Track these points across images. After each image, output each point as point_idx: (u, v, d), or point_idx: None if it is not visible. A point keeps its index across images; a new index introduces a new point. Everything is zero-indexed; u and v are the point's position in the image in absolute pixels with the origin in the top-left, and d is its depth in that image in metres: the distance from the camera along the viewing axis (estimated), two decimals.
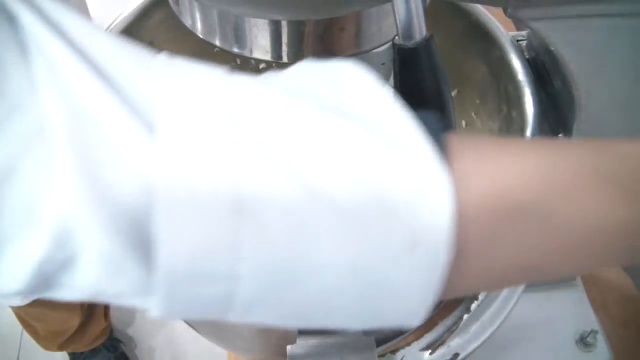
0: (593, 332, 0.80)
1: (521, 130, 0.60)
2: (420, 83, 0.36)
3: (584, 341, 0.80)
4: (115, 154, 0.22)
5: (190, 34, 0.79)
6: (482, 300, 0.62)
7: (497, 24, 0.67)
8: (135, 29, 0.66)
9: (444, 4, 0.65)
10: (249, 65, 0.83)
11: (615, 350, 0.84)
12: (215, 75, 0.25)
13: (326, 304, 0.25)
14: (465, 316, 0.63)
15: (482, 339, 0.62)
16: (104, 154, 0.22)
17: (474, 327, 0.63)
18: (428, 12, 0.35)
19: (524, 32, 0.67)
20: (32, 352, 1.34)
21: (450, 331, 0.63)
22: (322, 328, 0.26)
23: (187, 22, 0.42)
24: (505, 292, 0.65)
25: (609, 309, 0.93)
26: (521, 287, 0.65)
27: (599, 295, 0.94)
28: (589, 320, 0.83)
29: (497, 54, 0.64)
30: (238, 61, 0.84)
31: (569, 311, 0.84)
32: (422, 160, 0.25)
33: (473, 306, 0.63)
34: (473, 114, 0.76)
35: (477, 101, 0.75)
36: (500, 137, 0.38)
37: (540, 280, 0.38)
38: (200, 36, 0.42)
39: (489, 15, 0.67)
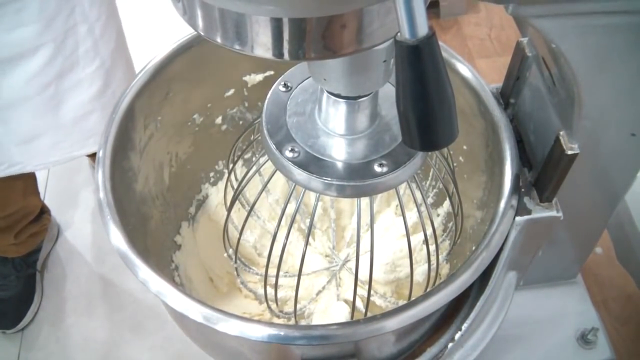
0: (594, 330, 0.80)
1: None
2: (422, 80, 0.36)
3: (584, 338, 0.80)
4: None
5: (201, 84, 0.82)
6: (466, 330, 0.64)
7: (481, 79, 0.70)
8: (153, 84, 0.73)
9: None
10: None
11: (616, 347, 0.84)
12: None
13: None
14: (450, 345, 0.64)
15: None
16: None
17: (458, 354, 0.65)
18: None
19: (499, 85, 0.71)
20: (32, 345, 1.35)
21: (436, 358, 0.65)
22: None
23: (188, 20, 0.42)
24: (486, 323, 0.66)
25: (610, 306, 0.93)
26: (499, 322, 0.67)
27: (600, 293, 0.94)
28: (590, 317, 0.83)
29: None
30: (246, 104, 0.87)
31: (570, 308, 0.84)
32: None
33: (457, 336, 0.64)
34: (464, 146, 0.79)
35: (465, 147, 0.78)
36: None
37: None
38: (202, 34, 0.42)
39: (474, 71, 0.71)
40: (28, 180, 1.28)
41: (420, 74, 0.35)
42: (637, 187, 0.71)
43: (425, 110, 0.37)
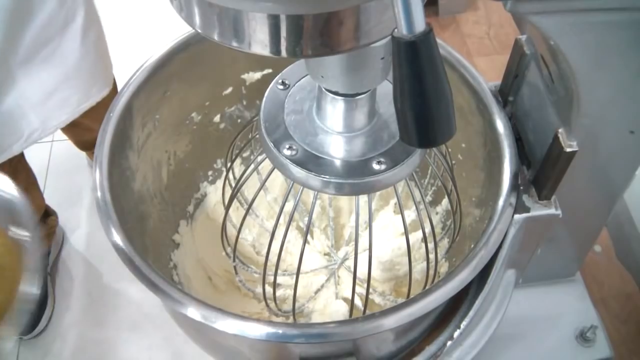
0: (593, 328, 0.79)
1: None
2: (419, 76, 0.36)
3: (584, 336, 0.80)
4: None
5: (199, 83, 0.82)
6: (464, 328, 0.64)
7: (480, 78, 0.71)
8: (151, 82, 0.73)
9: None
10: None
11: (615, 345, 0.84)
12: None
13: None
14: (449, 343, 0.64)
15: None
16: None
17: (456, 353, 0.65)
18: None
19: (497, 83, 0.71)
20: (30, 345, 1.34)
21: (435, 356, 0.65)
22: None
23: (185, 17, 0.42)
24: (484, 321, 0.66)
25: (609, 304, 0.93)
26: (498, 320, 0.67)
27: (599, 291, 0.94)
28: (589, 315, 0.83)
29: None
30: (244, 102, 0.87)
31: (569, 306, 0.84)
32: None
33: (456, 334, 0.64)
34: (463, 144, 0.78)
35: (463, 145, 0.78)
36: None
37: None
38: (199, 31, 0.42)
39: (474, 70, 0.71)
40: (29, 179, 1.28)
41: (418, 70, 0.35)
42: (636, 185, 0.71)
43: (422, 106, 0.37)
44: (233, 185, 0.73)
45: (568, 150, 0.58)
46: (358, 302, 0.78)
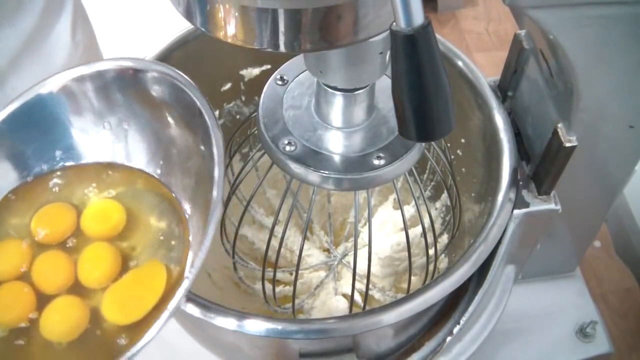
0: (592, 323, 0.79)
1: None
2: (418, 70, 0.35)
3: (583, 332, 0.80)
4: None
5: (197, 79, 0.81)
6: (464, 324, 0.64)
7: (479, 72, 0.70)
8: None
9: None
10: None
11: (614, 341, 0.84)
12: None
13: None
14: (449, 338, 0.64)
15: (464, 357, 0.65)
16: None
17: (456, 348, 0.65)
18: None
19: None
20: None
21: (434, 352, 0.65)
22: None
23: (182, 12, 0.42)
24: (484, 317, 0.67)
25: (609, 300, 0.93)
26: (497, 316, 0.67)
27: (599, 286, 0.94)
28: (589, 311, 0.83)
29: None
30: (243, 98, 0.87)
31: (569, 302, 0.84)
32: None
33: (455, 329, 0.64)
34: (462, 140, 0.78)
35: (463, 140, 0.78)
36: None
37: None
38: (197, 26, 0.41)
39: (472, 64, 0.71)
40: None
41: (416, 63, 0.35)
42: (635, 181, 0.71)
43: (421, 100, 0.37)
44: (232, 181, 0.72)
45: (567, 145, 0.58)
46: (358, 298, 0.78)
